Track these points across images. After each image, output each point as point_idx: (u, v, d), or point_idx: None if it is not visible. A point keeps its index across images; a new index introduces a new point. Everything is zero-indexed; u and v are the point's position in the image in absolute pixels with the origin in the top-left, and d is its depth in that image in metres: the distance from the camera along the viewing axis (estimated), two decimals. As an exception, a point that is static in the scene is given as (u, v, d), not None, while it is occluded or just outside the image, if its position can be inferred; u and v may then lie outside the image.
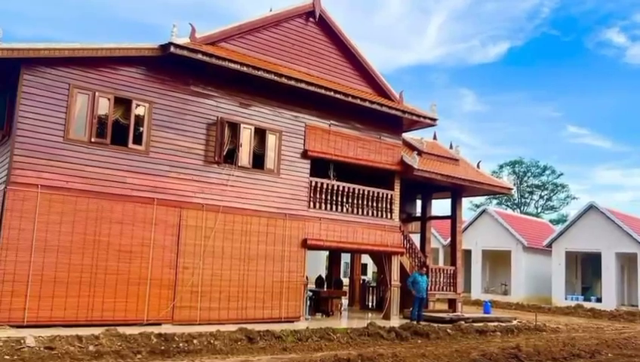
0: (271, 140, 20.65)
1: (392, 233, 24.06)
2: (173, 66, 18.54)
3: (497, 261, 46.65)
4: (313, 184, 21.77)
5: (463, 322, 22.38)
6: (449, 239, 32.68)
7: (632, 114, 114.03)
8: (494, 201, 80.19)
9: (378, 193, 23.67)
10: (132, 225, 17.50)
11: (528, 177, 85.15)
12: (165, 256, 18.03)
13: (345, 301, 28.03)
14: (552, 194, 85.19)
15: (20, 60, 16.03)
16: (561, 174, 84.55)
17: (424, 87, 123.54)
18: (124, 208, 17.41)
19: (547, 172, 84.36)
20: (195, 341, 14.88)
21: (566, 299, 40.44)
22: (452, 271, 27.50)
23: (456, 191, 28.13)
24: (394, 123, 24.18)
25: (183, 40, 18.18)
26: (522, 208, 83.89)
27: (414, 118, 24.02)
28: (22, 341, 13.14)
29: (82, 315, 16.31)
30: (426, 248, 28.64)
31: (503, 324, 23.43)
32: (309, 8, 21.97)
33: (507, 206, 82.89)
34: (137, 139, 17.96)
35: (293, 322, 20.04)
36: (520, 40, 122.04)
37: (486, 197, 72.13)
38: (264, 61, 20.28)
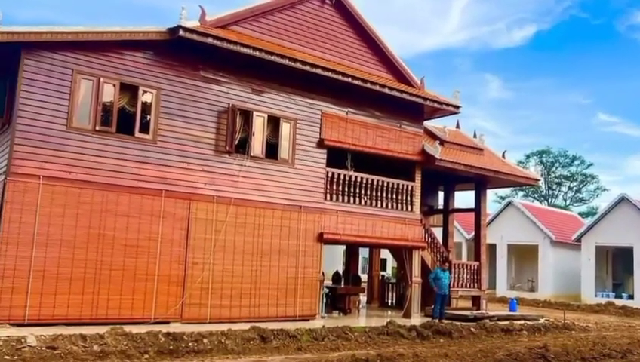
0: (285, 129, 20.50)
1: (413, 226, 23.87)
2: (182, 51, 18.39)
3: (524, 256, 46.51)
4: (330, 175, 21.59)
5: (487, 320, 22.37)
6: (473, 233, 32.51)
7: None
8: (520, 193, 79.97)
9: (398, 184, 23.46)
10: (139, 218, 17.38)
11: (556, 168, 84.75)
12: (174, 251, 17.91)
13: (363, 298, 27.89)
14: (581, 186, 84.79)
15: (20, 44, 15.89)
16: (591, 164, 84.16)
17: (446, 72, 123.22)
18: (131, 200, 17.29)
19: (576, 162, 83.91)
20: (205, 340, 14.86)
21: (596, 296, 40.14)
22: (476, 267, 27.32)
23: (481, 182, 27.97)
24: (415, 110, 23.96)
25: (193, 23, 18.02)
26: (550, 200, 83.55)
27: (436, 105, 23.78)
28: (23, 340, 13.11)
29: (86, 313, 16.22)
30: (448, 242, 28.49)
31: (530, 323, 23.36)
32: (326, -11, 21.80)
33: (534, 198, 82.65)
34: (144, 128, 17.82)
35: (308, 320, 19.95)
36: (547, 23, 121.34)
37: (512, 188, 71.90)
38: (278, 45, 20.11)
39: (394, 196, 23.40)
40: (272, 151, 20.23)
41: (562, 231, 44.90)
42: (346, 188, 22.06)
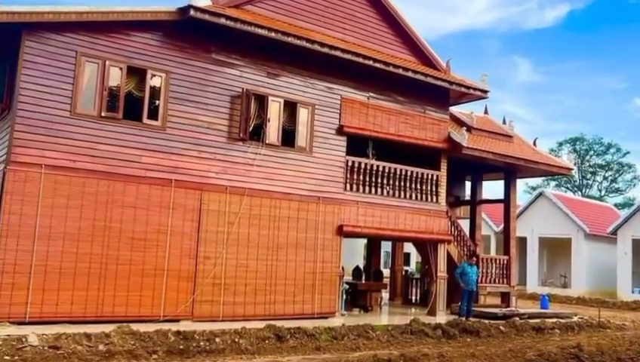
0: (302, 115, 20.35)
1: (438, 218, 23.73)
2: (193, 32, 18.26)
3: (556, 250, 46.41)
4: (350, 163, 21.44)
5: (517, 318, 22.38)
6: (502, 225, 32.45)
7: None
8: (552, 183, 79.83)
9: (422, 174, 23.31)
10: (147, 209, 17.29)
11: (590, 156, 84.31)
12: (184, 245, 17.81)
13: (385, 294, 27.91)
14: (617, 175, 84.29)
15: (21, 25, 15.77)
16: (628, 153, 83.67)
17: (474, 55, 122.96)
18: (138, 191, 17.19)
19: (612, 150, 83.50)
20: (217, 339, 14.82)
21: (633, 292, 39.91)
22: (505, 261, 27.15)
23: (510, 171, 27.78)
24: (440, 95, 23.79)
25: (204, 2, 17.82)
26: (584, 191, 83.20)
27: (463, 89, 23.67)
28: (23, 339, 13.06)
29: (91, 311, 16.13)
30: (476, 235, 28.37)
31: (563, 321, 23.25)
32: (345, -34, 21.62)
33: (567, 188, 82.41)
34: (153, 114, 17.70)
35: (327, 318, 19.86)
36: (581, 2, 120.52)
37: (543, 178, 71.25)
38: (294, 26, 19.95)
39: (418, 186, 23.22)
40: (288, 138, 20.08)
41: (597, 223, 44.65)
42: (367, 178, 21.90)
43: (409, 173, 22.91)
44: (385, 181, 22.37)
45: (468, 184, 30.27)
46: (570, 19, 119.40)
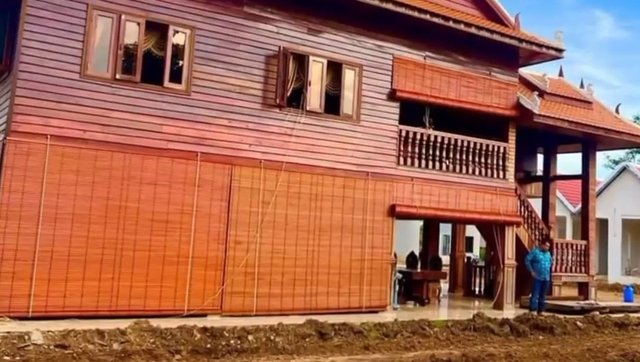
0: (348, 77, 20.13)
1: (506, 197, 23.44)
2: (221, -19, 18.21)
3: (642, 234, 45.81)
4: (403, 134, 21.19)
5: (597, 312, 22.02)
6: (579, 205, 32.22)
7: None
8: (638, 156, 78.47)
9: (487, 145, 23.03)
10: (169, 186, 17.10)
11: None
12: (212, 228, 17.64)
13: (444, 285, 27.87)
14: None
15: (23, -27, 15.73)
16: None
17: (547, 9, 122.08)
18: (159, 165, 16.98)
19: None
20: (250, 337, 14.69)
21: None
22: (583, 247, 26.83)
23: (589, 142, 27.52)
24: (508, 55, 23.53)
25: (234, -53, 17.82)
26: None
27: (534, 48, 23.33)
28: (26, 337, 12.95)
29: (104, 304, 15.98)
30: (549, 217, 28.20)
31: None
32: None
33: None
34: (175, 76, 17.51)
35: (377, 312, 19.70)
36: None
37: (627, 150, 70.46)
38: (339, -26, 19.76)
39: (482, 160, 23.01)
40: (332, 104, 19.87)
41: (691, 202, 43.81)
42: (424, 150, 21.69)
43: (472, 145, 22.69)
44: (444, 154, 22.17)
45: (540, 157, 30.07)
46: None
